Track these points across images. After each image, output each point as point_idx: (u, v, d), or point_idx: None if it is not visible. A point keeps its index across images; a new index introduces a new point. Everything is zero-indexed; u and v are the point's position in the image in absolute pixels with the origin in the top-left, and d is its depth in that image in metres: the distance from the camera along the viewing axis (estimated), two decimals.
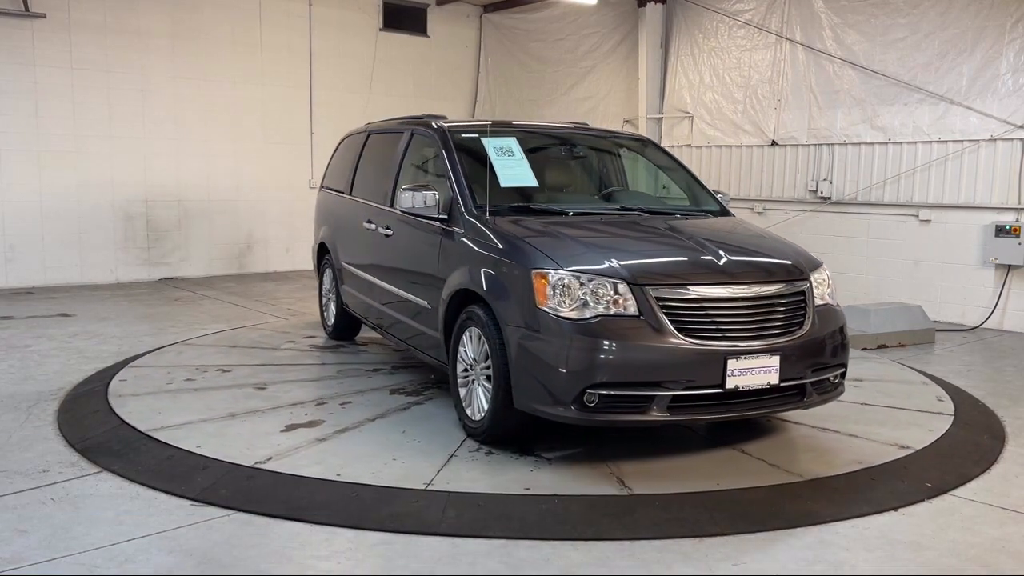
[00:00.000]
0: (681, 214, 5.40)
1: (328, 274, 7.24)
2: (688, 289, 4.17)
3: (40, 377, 5.93)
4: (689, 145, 11.08)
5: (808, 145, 9.89)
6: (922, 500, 4.04)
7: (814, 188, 9.84)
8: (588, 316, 4.05)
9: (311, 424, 4.87)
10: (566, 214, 5.01)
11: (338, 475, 4.09)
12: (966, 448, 4.82)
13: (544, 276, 4.15)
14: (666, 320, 4.06)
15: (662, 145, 11.18)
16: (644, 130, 11.35)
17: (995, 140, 8.43)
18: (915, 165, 9.01)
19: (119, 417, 4.89)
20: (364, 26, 12.44)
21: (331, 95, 11.96)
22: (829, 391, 4.58)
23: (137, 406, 5.13)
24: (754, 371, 4.14)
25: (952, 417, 5.31)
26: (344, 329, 7.11)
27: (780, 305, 4.37)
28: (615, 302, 4.08)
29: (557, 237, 4.55)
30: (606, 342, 3.98)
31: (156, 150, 10.73)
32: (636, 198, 5.80)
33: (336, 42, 12.13)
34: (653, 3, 11.16)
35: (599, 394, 3.98)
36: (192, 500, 3.83)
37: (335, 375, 6.03)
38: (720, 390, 4.09)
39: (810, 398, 4.44)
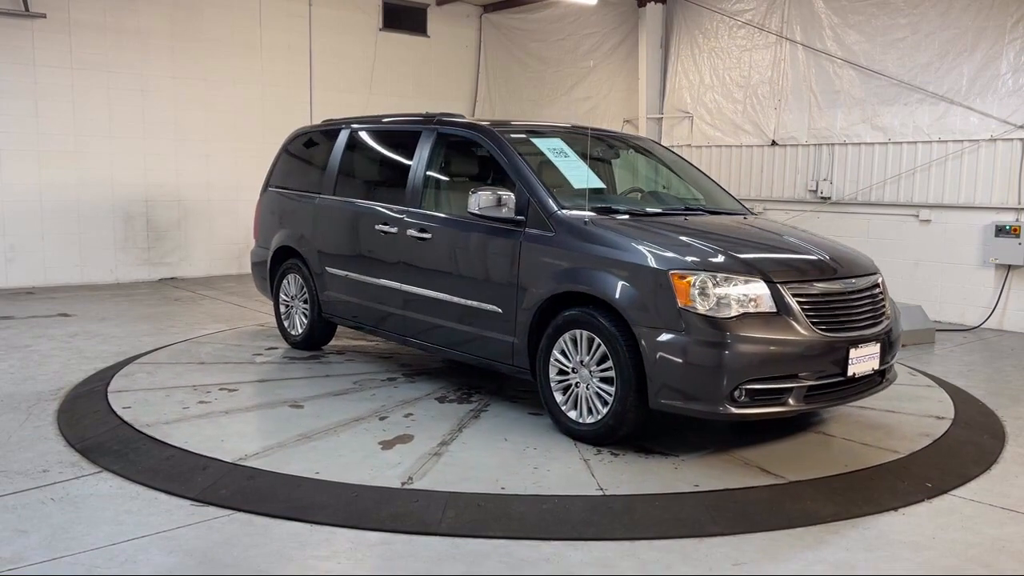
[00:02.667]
0: (725, 213, 5.60)
1: (292, 280, 6.77)
2: (812, 284, 4.45)
3: (40, 377, 5.93)
4: (689, 145, 11.08)
5: (808, 145, 9.89)
6: (922, 500, 4.05)
7: (814, 188, 9.84)
8: (733, 314, 4.18)
9: (404, 439, 4.63)
10: (646, 214, 5.09)
11: (503, 488, 3.96)
12: (966, 448, 4.82)
13: (685, 277, 4.23)
14: (803, 315, 4.30)
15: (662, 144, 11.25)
16: (644, 130, 11.36)
17: (995, 140, 8.43)
18: (915, 165, 9.02)
19: (119, 417, 4.88)
20: (364, 26, 12.45)
21: (331, 95, 11.96)
22: (892, 377, 4.98)
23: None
24: (866, 359, 4.51)
25: (952, 417, 5.31)
26: (318, 338, 6.69)
27: (874, 296, 4.76)
28: (753, 300, 4.25)
29: (674, 238, 4.61)
30: (757, 338, 4.16)
31: (156, 150, 10.73)
32: (677, 198, 5.85)
33: (336, 42, 12.14)
34: (653, 3, 11.16)
35: (747, 389, 4.15)
36: (192, 500, 3.83)
37: (356, 387, 5.68)
38: (843, 378, 4.42)
39: (884, 382, 4.84)
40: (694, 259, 4.35)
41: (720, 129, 10.79)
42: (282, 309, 6.96)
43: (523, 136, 5.51)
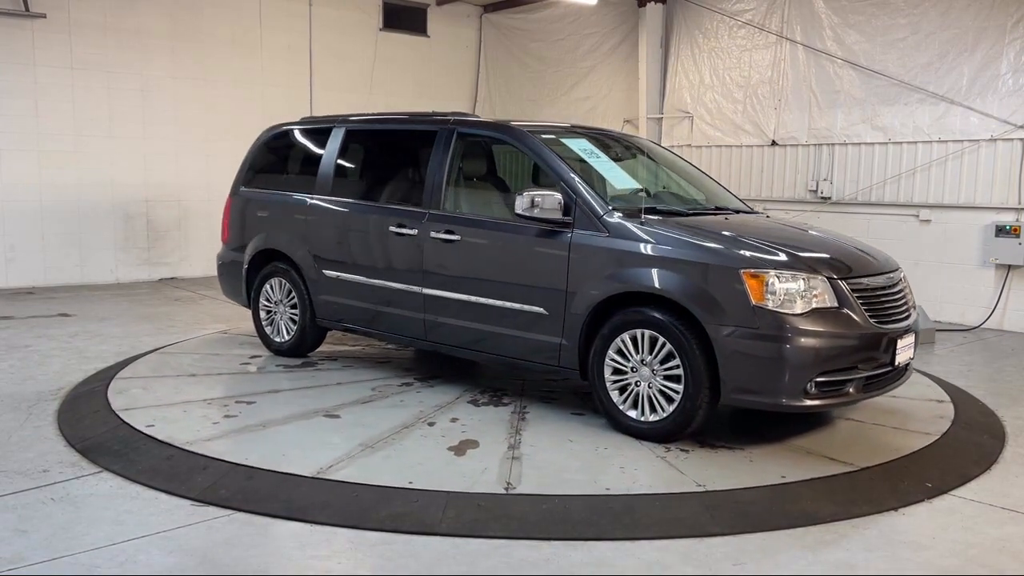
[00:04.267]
0: (746, 212, 5.75)
1: (277, 285, 6.48)
2: (861, 279, 4.64)
3: (40, 377, 5.93)
4: (689, 145, 11.08)
5: (808, 145, 9.89)
6: (922, 500, 4.05)
7: (814, 188, 9.84)
8: (803, 310, 4.34)
9: (470, 444, 4.57)
10: (687, 214, 5.17)
11: (607, 489, 3.98)
12: (966, 448, 4.82)
13: (756, 275, 4.36)
14: (862, 309, 4.50)
15: (662, 145, 11.24)
16: (644, 130, 11.35)
17: (995, 140, 8.42)
18: (915, 165, 9.01)
19: (119, 417, 4.88)
20: (364, 26, 12.44)
21: (331, 95, 11.95)
22: (912, 368, 5.16)
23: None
24: (907, 348, 4.75)
25: (952, 417, 5.31)
26: (309, 344, 6.46)
27: (903, 290, 4.99)
28: (818, 296, 4.40)
29: (734, 237, 4.71)
30: (827, 333, 4.35)
31: (156, 150, 10.73)
32: (695, 198, 5.93)
33: (336, 42, 12.13)
34: (653, 3, 11.15)
35: (817, 381, 4.32)
36: (192, 500, 3.83)
37: (377, 394, 5.52)
38: (891, 367, 4.65)
39: (908, 372, 5.05)
40: (762, 257, 4.49)
41: (720, 129, 10.78)
42: (263, 315, 6.64)
43: (552, 137, 5.53)
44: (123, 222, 10.60)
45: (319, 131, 6.53)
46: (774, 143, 10.20)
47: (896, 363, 4.65)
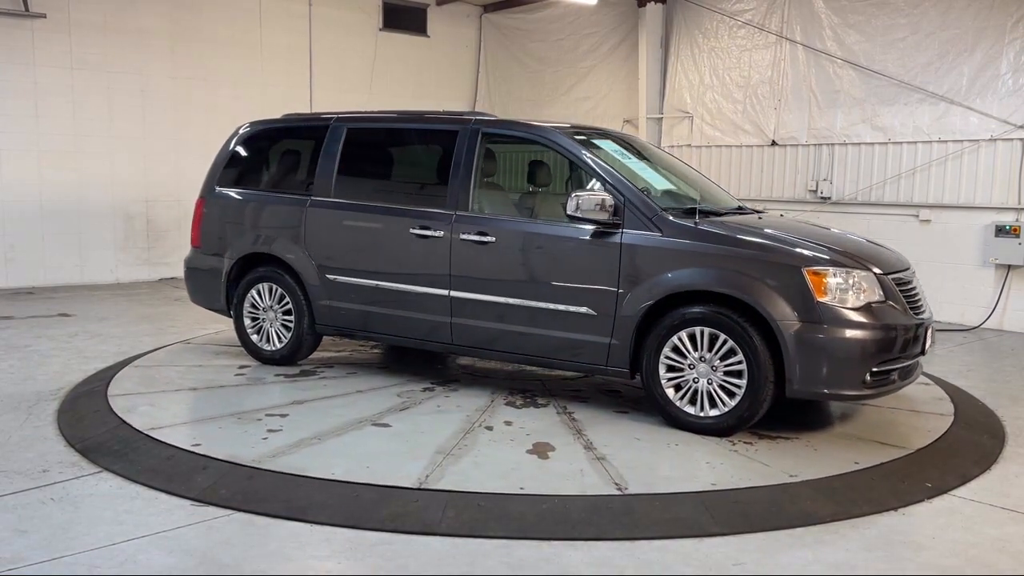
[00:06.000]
0: (758, 212, 5.95)
1: (267, 290, 6.16)
2: (895, 274, 4.87)
3: (40, 377, 5.93)
4: (689, 145, 11.08)
5: (808, 145, 9.89)
6: (922, 500, 4.05)
7: (814, 188, 9.84)
8: (860, 305, 4.57)
9: (546, 447, 4.53)
10: (721, 214, 5.27)
11: (713, 484, 4.07)
12: (966, 448, 4.82)
13: (818, 272, 4.57)
14: (906, 302, 4.77)
15: (662, 145, 11.26)
16: (644, 130, 11.36)
17: (995, 140, 8.42)
18: (915, 165, 9.01)
19: (119, 417, 4.88)
20: (364, 26, 12.45)
21: (331, 95, 11.95)
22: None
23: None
24: (930, 339, 4.96)
25: (952, 417, 5.30)
26: (303, 352, 6.18)
27: (919, 285, 5.21)
28: (868, 290, 4.63)
29: (785, 235, 4.91)
30: (883, 325, 4.59)
31: (156, 150, 10.73)
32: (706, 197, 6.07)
33: (336, 42, 12.14)
34: (653, 3, 11.16)
35: (872, 371, 4.55)
36: (192, 500, 3.83)
37: (407, 400, 5.36)
38: (922, 356, 4.90)
39: (921, 364, 5.24)
40: (819, 255, 4.69)
41: (720, 129, 10.78)
42: (248, 322, 6.28)
43: (584, 138, 5.54)
44: (123, 222, 10.60)
45: (312, 129, 6.27)
46: (774, 143, 10.20)
47: (924, 352, 4.88)
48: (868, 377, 4.54)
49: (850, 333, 4.51)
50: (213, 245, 6.43)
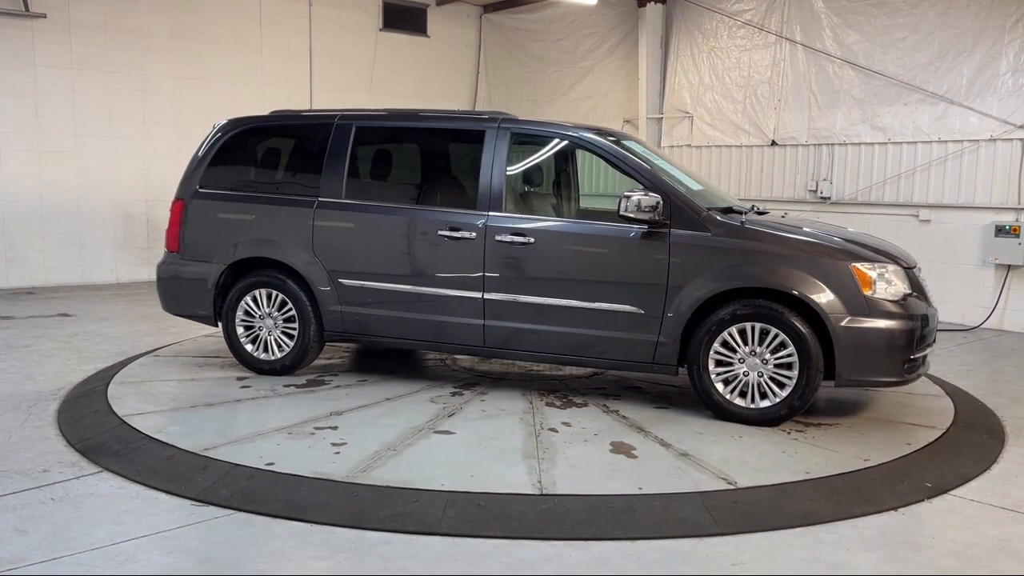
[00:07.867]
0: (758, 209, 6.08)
1: (265, 297, 5.83)
2: (912, 269, 5.15)
3: (40, 377, 5.93)
4: (689, 145, 11.09)
5: (808, 145, 9.89)
6: (922, 500, 4.05)
7: (814, 188, 9.84)
8: (898, 297, 4.86)
9: (624, 446, 4.55)
10: (744, 213, 5.33)
11: (807, 473, 4.24)
12: (966, 448, 4.82)
13: (863, 268, 4.85)
14: (928, 294, 5.10)
15: (662, 145, 11.26)
16: (644, 130, 11.36)
17: (995, 140, 8.43)
18: (915, 165, 9.01)
19: (119, 417, 4.88)
20: (364, 26, 12.45)
21: (331, 95, 11.95)
22: None
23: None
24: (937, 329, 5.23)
25: (952, 417, 5.30)
26: (307, 361, 5.91)
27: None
28: (898, 284, 4.91)
29: (824, 234, 5.15)
30: (918, 316, 4.89)
31: (156, 150, 10.73)
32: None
33: (336, 42, 12.14)
34: (653, 3, 11.16)
35: (909, 359, 4.85)
36: (192, 500, 3.83)
37: (447, 407, 5.22)
38: (934, 344, 5.20)
39: None
40: (862, 251, 4.97)
41: (720, 129, 10.78)
42: (241, 331, 5.93)
43: (615, 140, 5.56)
44: (123, 222, 10.60)
45: (311, 127, 6.00)
46: (774, 143, 10.20)
47: (935, 341, 5.19)
48: (906, 365, 4.84)
49: (893, 324, 4.78)
50: (196, 250, 6.03)
